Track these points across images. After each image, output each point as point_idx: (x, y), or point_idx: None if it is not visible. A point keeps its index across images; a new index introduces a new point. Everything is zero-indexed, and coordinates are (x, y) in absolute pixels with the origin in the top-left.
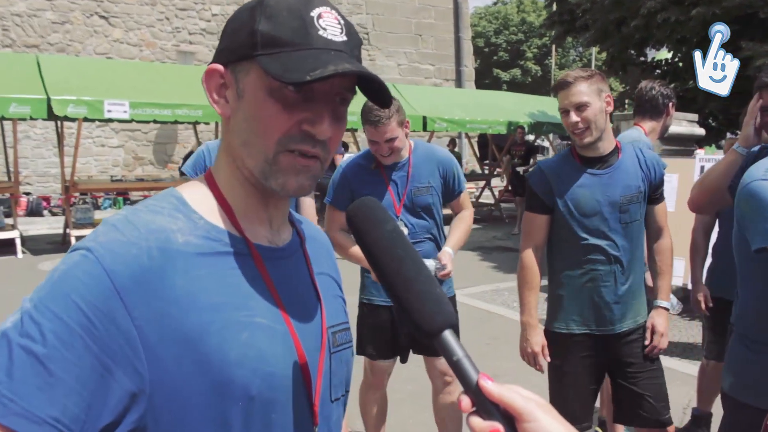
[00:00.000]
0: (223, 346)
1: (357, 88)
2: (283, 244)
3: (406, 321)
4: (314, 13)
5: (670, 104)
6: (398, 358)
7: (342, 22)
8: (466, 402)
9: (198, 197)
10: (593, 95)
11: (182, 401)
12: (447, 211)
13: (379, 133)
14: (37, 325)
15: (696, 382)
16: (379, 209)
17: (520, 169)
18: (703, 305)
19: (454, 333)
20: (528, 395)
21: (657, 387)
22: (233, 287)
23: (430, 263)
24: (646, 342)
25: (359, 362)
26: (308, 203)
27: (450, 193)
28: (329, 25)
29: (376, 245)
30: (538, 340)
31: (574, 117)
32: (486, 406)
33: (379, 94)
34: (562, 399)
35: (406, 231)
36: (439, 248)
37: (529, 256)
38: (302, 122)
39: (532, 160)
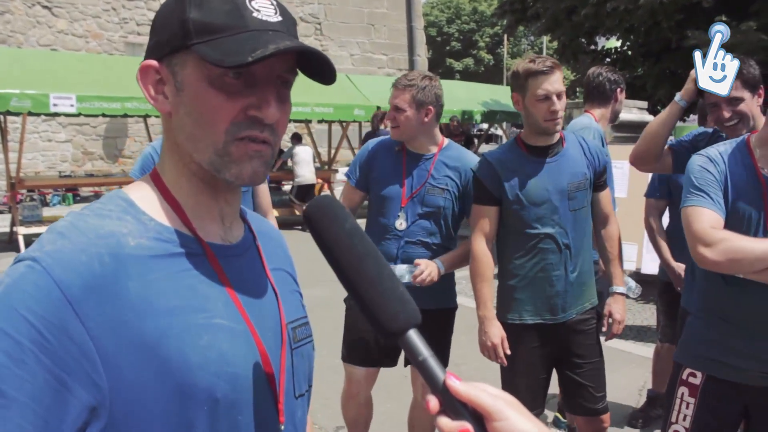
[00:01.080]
0: (183, 351)
1: (298, 69)
2: (236, 240)
3: (368, 321)
4: None
5: (618, 90)
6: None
7: (274, 2)
8: (434, 402)
9: (146, 198)
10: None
11: (145, 410)
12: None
13: (392, 96)
14: None
15: (651, 364)
16: (337, 206)
17: None
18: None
19: (418, 332)
20: (496, 393)
21: (598, 378)
22: (189, 289)
23: (401, 267)
24: (603, 329)
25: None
26: (263, 191)
27: (468, 206)
28: (262, 6)
29: (336, 244)
30: (497, 332)
31: (557, 104)
32: (454, 405)
33: (322, 70)
34: (513, 389)
35: (403, 225)
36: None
37: (481, 248)
38: (248, 108)
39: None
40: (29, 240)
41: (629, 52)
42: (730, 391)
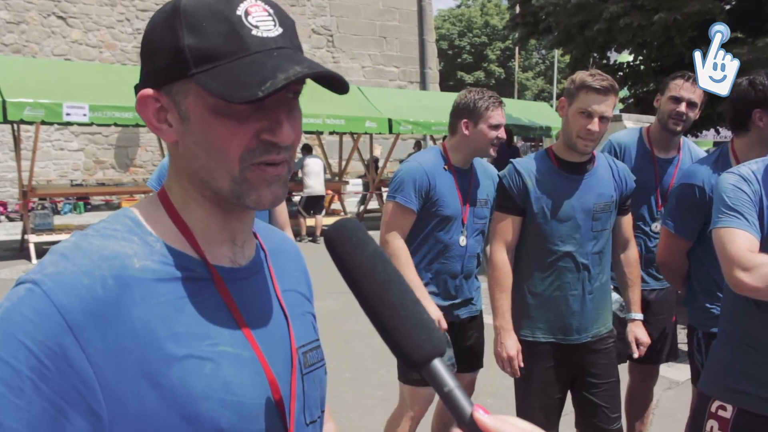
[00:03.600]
0: (186, 380)
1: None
2: (247, 262)
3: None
4: (240, 10)
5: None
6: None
7: (271, 11)
8: None
9: (153, 218)
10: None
11: None
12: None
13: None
14: None
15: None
16: (359, 230)
17: None
18: None
19: (443, 362)
20: (525, 428)
21: (614, 399)
22: (194, 315)
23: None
24: (635, 355)
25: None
26: (281, 207)
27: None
28: (260, 21)
29: (357, 269)
30: (513, 344)
31: (597, 126)
32: None
33: (331, 82)
34: (528, 408)
35: (465, 242)
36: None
37: (501, 257)
38: (260, 132)
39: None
40: (40, 248)
41: (641, 67)
42: (764, 427)
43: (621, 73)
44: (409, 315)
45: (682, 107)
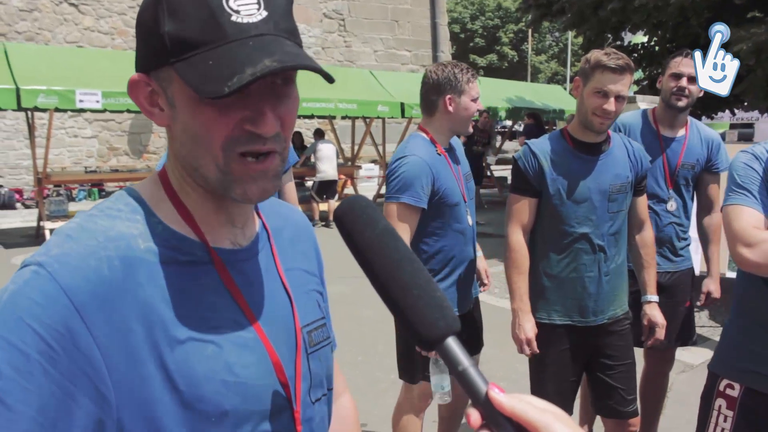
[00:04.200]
0: (188, 362)
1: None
2: (248, 242)
3: (404, 329)
4: None
5: None
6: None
7: None
8: (475, 416)
9: (155, 198)
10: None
11: (154, 422)
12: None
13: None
14: None
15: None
16: (369, 207)
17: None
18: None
19: (457, 340)
20: (543, 406)
21: (629, 380)
22: (196, 299)
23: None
24: (650, 340)
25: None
26: (290, 188)
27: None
28: (242, 4)
29: (369, 247)
30: (531, 326)
31: (613, 105)
32: (497, 419)
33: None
34: (542, 390)
35: (470, 221)
36: None
37: (518, 239)
38: (243, 122)
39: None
40: None
41: (656, 48)
42: None
43: (635, 55)
44: (421, 293)
45: (683, 82)
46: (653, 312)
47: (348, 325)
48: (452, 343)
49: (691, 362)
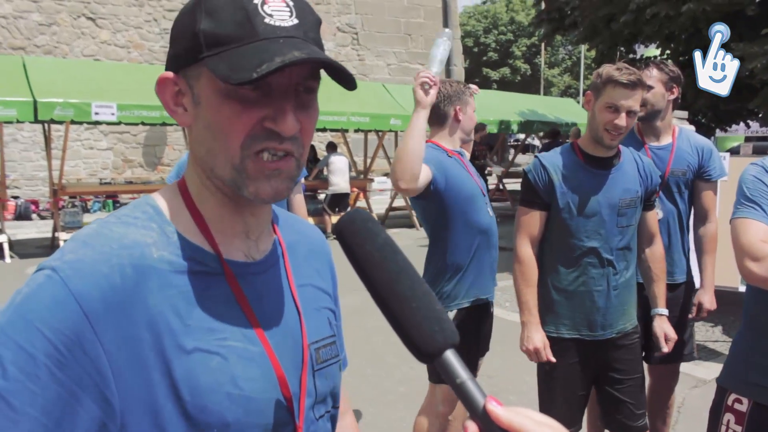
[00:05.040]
0: (193, 373)
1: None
2: (262, 256)
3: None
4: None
5: None
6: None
7: (290, 3)
8: (472, 429)
9: (172, 207)
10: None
11: (157, 430)
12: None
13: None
14: None
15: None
16: (369, 221)
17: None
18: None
19: (456, 353)
20: (540, 420)
21: (639, 395)
22: (205, 310)
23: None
24: (664, 350)
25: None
26: (299, 201)
27: None
28: (275, 10)
29: (368, 260)
30: (540, 338)
31: (624, 120)
32: None
33: (341, 75)
34: (551, 404)
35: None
36: None
37: (527, 252)
38: (264, 120)
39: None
40: None
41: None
42: None
43: None
44: (420, 306)
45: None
46: (664, 325)
47: (358, 336)
48: (450, 356)
49: (704, 377)
